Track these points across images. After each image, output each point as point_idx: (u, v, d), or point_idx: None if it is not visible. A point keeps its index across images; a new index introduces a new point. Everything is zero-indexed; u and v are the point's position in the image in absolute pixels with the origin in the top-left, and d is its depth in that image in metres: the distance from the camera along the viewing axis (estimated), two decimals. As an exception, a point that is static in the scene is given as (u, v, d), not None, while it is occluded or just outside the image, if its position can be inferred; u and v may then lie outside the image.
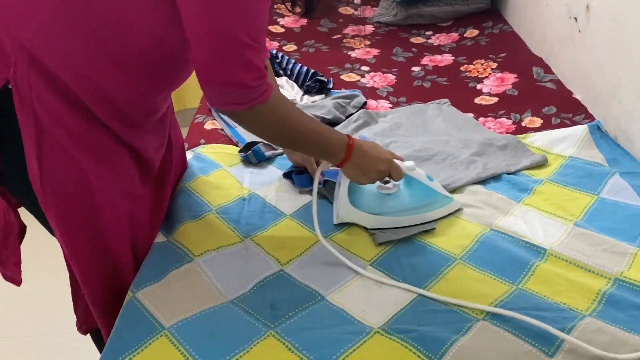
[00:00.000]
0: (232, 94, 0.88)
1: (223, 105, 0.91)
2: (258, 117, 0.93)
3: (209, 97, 0.91)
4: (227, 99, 0.89)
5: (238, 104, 0.89)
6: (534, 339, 0.84)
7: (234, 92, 0.87)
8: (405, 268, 1.01)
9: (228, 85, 0.86)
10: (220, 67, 0.85)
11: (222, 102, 0.90)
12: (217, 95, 0.89)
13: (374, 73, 1.81)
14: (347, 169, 1.05)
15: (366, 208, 1.10)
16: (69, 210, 0.94)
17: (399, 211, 1.10)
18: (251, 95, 0.88)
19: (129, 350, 0.85)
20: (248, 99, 0.88)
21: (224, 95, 0.88)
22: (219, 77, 0.86)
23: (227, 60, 0.84)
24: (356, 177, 1.07)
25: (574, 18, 1.59)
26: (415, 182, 1.11)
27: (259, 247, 1.07)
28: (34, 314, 1.87)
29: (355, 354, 0.84)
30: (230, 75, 0.86)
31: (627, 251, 1.01)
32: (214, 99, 0.91)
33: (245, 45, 0.84)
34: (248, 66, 0.85)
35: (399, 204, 1.11)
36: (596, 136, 1.35)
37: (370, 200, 1.11)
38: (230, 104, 0.90)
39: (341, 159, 1.03)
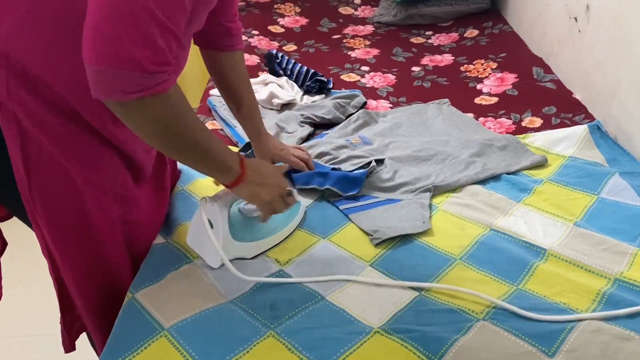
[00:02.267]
0: (122, 77, 0.72)
1: (109, 91, 0.74)
2: (149, 111, 0.77)
3: (93, 79, 0.74)
4: (115, 83, 0.73)
5: (126, 91, 0.74)
6: (534, 339, 0.84)
7: (124, 74, 0.72)
8: (405, 268, 1.01)
9: (120, 63, 0.71)
10: (115, 38, 0.70)
11: (108, 87, 0.73)
12: (103, 77, 0.73)
13: (374, 73, 1.81)
14: (243, 187, 0.94)
15: (244, 239, 1.03)
16: (59, 217, 0.92)
17: (272, 229, 1.06)
18: (145, 82, 0.74)
19: (129, 351, 0.85)
20: (140, 86, 0.74)
21: (111, 77, 0.72)
22: (111, 50, 0.70)
23: (125, 31, 0.70)
24: (256, 195, 0.96)
25: (574, 18, 1.59)
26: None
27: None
28: (33, 314, 1.87)
29: (355, 354, 0.84)
30: (125, 51, 0.70)
31: (627, 251, 1.01)
32: (99, 82, 0.73)
33: (153, 17, 0.71)
34: (149, 44, 0.72)
35: (270, 223, 1.05)
36: (596, 136, 1.35)
37: (244, 230, 1.03)
38: (118, 92, 0.74)
39: (237, 173, 0.92)
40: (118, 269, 1.01)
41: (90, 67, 0.73)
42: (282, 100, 1.56)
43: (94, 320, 1.03)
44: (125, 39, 0.70)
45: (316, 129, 1.48)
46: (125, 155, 0.96)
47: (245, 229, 1.04)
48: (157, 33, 0.72)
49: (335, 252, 1.06)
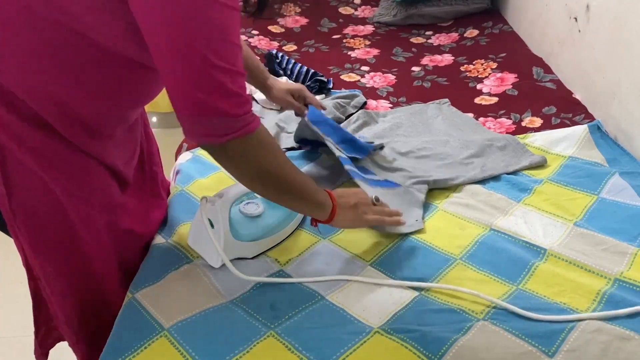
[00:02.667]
0: (211, 124, 0.79)
1: (202, 136, 0.82)
2: (243, 151, 0.84)
3: (185, 128, 0.82)
4: (205, 129, 0.80)
5: (220, 135, 0.80)
6: (534, 339, 0.84)
7: (213, 122, 0.79)
8: (405, 268, 1.01)
9: (204, 114, 0.78)
10: (193, 92, 0.77)
11: (200, 133, 0.81)
12: (193, 125, 0.80)
13: (374, 73, 1.81)
14: (341, 216, 0.99)
15: (245, 238, 1.03)
16: (42, 231, 0.91)
17: (273, 228, 1.07)
18: (236, 124, 0.80)
19: (129, 351, 0.85)
20: (231, 129, 0.80)
21: (201, 125, 0.80)
22: (192, 104, 0.78)
23: (198, 84, 0.76)
24: (355, 217, 1.02)
25: (574, 18, 1.59)
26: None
27: (259, 248, 1.07)
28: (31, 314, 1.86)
29: (355, 354, 0.84)
30: (205, 101, 0.77)
31: (627, 251, 1.01)
32: (191, 130, 0.81)
33: (214, 66, 0.75)
34: (223, 91, 0.78)
35: (271, 221, 1.07)
36: (596, 136, 1.35)
37: (245, 229, 1.04)
38: (210, 135, 0.81)
39: (330, 207, 0.97)
40: (103, 279, 1.00)
41: (182, 120, 0.80)
42: (282, 100, 1.56)
43: (76, 332, 1.02)
44: (202, 91, 0.76)
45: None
46: (107, 165, 0.95)
47: (246, 229, 1.04)
48: (225, 78, 0.77)
49: (335, 252, 1.06)
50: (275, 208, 1.08)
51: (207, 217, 0.98)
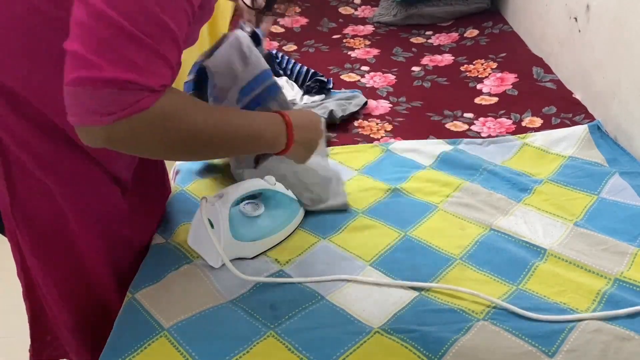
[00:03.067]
0: (98, 99, 0.65)
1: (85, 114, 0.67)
2: (134, 130, 0.69)
3: (67, 103, 0.67)
4: (91, 105, 0.66)
5: (104, 113, 0.66)
6: (534, 339, 0.84)
7: (100, 95, 0.65)
8: (405, 268, 1.01)
9: (94, 82, 0.64)
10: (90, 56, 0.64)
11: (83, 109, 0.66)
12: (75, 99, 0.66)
13: (374, 73, 1.81)
14: (294, 151, 0.88)
15: (244, 238, 1.02)
16: (42, 236, 0.91)
17: (274, 228, 1.06)
18: (124, 99, 0.66)
19: (129, 351, 0.85)
20: (120, 105, 0.65)
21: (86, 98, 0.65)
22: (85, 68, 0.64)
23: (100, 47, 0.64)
24: (305, 156, 0.93)
25: (574, 18, 1.59)
26: (278, 195, 1.09)
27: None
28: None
29: (355, 354, 0.84)
30: (100, 68, 0.63)
31: (627, 251, 1.01)
32: (74, 104, 0.67)
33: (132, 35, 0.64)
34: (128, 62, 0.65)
35: (271, 222, 1.06)
36: (596, 136, 1.35)
37: (245, 229, 1.03)
38: (94, 113, 0.66)
39: (283, 144, 0.86)
40: (101, 286, 1.00)
41: (66, 89, 0.66)
42: (282, 100, 1.56)
43: (76, 337, 1.02)
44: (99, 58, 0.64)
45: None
46: (110, 171, 0.95)
47: (246, 229, 1.04)
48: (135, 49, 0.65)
49: (335, 252, 1.06)
50: (276, 208, 1.08)
51: (207, 218, 0.98)
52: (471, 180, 1.24)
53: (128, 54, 0.65)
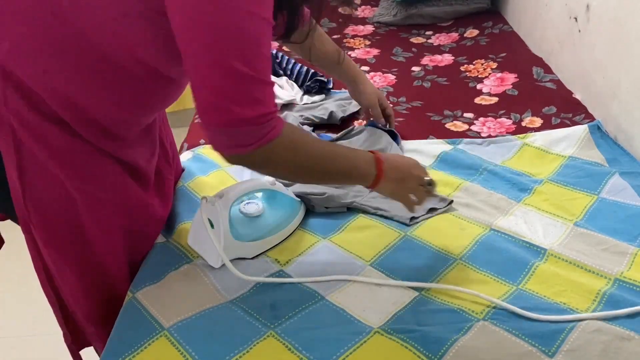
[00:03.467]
0: (238, 135, 0.80)
1: (229, 148, 0.82)
2: (270, 156, 0.85)
3: (212, 139, 0.83)
4: (233, 141, 0.81)
5: (245, 145, 0.81)
6: (534, 339, 0.84)
7: (240, 132, 0.79)
8: (405, 268, 1.01)
9: (232, 124, 0.78)
10: (222, 104, 0.77)
11: (227, 144, 0.82)
12: (221, 136, 0.81)
13: (374, 73, 1.81)
14: (384, 185, 0.97)
15: (245, 238, 1.03)
16: (55, 228, 0.92)
17: (273, 228, 1.07)
18: (259, 132, 0.80)
19: (129, 351, 0.85)
20: (256, 137, 0.80)
21: (229, 135, 0.80)
22: (222, 115, 0.78)
23: (228, 95, 0.77)
24: (398, 191, 0.99)
25: (574, 18, 1.59)
26: (278, 195, 1.10)
27: (259, 248, 1.07)
28: (32, 314, 1.87)
29: (355, 354, 0.84)
30: (234, 112, 0.78)
31: (627, 251, 1.01)
32: (219, 140, 0.82)
33: (244, 75, 0.76)
34: (252, 100, 0.78)
35: (271, 222, 1.07)
36: (596, 136, 1.35)
37: (245, 229, 1.04)
38: (237, 146, 0.81)
39: (373, 175, 0.95)
40: (115, 279, 1.00)
41: (209, 131, 0.81)
42: (282, 100, 1.56)
43: (94, 330, 1.02)
44: (232, 102, 0.77)
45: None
46: (127, 163, 0.96)
47: (246, 229, 1.04)
48: (255, 88, 0.78)
49: (335, 252, 1.06)
50: (276, 208, 1.08)
51: (207, 217, 0.98)
52: (471, 180, 1.24)
53: (252, 93, 0.78)
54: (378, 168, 0.95)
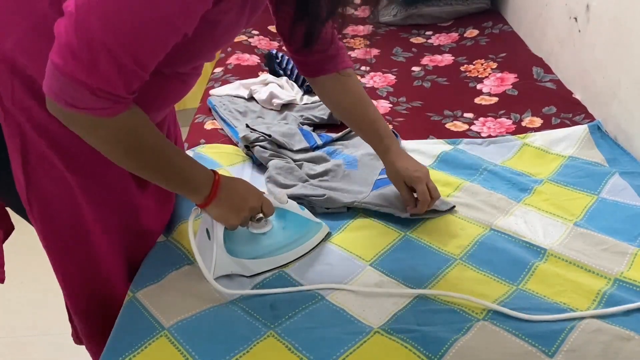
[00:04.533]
0: (71, 89, 0.72)
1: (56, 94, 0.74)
2: (91, 128, 0.78)
3: (50, 79, 0.73)
4: (64, 91, 0.73)
5: (70, 103, 0.73)
6: (534, 339, 0.84)
7: (74, 88, 0.72)
8: (405, 268, 1.01)
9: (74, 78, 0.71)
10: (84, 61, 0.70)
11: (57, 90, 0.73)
12: (57, 80, 0.72)
13: (374, 73, 1.81)
14: (213, 208, 0.92)
15: (244, 254, 0.99)
16: (55, 223, 0.92)
17: (278, 249, 1.02)
18: (89, 100, 0.73)
19: (129, 350, 0.85)
20: (83, 103, 0.73)
21: (63, 84, 0.72)
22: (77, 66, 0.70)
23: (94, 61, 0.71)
24: (225, 217, 0.93)
25: (574, 18, 1.59)
26: (289, 214, 1.04)
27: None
28: (32, 314, 1.87)
29: (355, 354, 0.84)
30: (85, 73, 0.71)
31: (627, 251, 1.01)
32: (52, 83, 0.73)
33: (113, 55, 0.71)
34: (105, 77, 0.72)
35: (276, 241, 1.02)
36: (596, 136, 1.35)
37: (246, 245, 1.00)
38: (63, 98, 0.73)
39: (205, 196, 0.90)
40: (112, 279, 1.00)
41: (56, 69, 0.72)
42: (282, 100, 1.56)
43: (86, 329, 1.02)
44: (89, 66, 0.70)
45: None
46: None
47: (246, 246, 1.00)
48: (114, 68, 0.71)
49: (335, 252, 1.06)
50: (285, 228, 1.03)
51: (206, 227, 0.96)
52: (471, 180, 1.24)
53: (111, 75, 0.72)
54: (213, 188, 0.90)
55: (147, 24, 0.71)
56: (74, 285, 0.98)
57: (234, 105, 1.54)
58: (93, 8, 0.69)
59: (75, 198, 0.91)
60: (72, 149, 0.88)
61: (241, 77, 1.75)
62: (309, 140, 1.37)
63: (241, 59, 1.90)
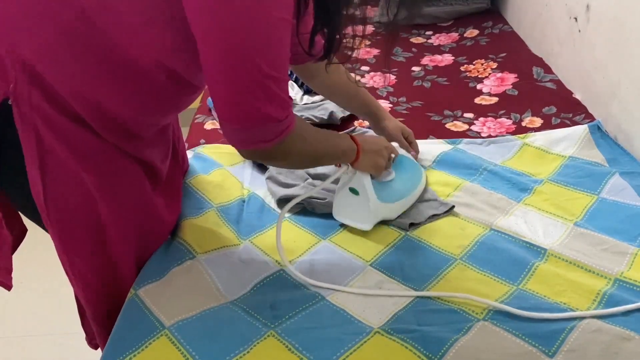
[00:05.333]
0: (259, 131, 0.83)
1: (249, 143, 0.85)
2: (288, 149, 0.88)
3: (230, 136, 0.85)
4: (253, 137, 0.84)
5: (266, 140, 0.84)
6: (534, 339, 0.84)
7: (261, 128, 0.83)
8: (405, 268, 1.01)
9: (254, 121, 0.82)
10: (248, 102, 0.80)
11: (247, 140, 0.85)
12: (240, 133, 0.84)
13: (374, 73, 1.81)
14: (363, 159, 1.05)
15: (388, 199, 1.11)
16: (72, 226, 0.92)
17: (407, 189, 1.15)
18: (280, 128, 0.84)
19: (129, 350, 0.85)
20: (276, 132, 0.84)
21: (250, 132, 0.83)
22: (243, 113, 0.81)
23: (250, 92, 0.79)
24: (373, 162, 1.07)
25: (574, 18, 1.59)
26: (405, 160, 1.19)
27: (259, 249, 1.07)
28: (33, 314, 1.87)
29: (355, 354, 0.84)
30: (256, 111, 0.81)
31: (627, 251, 1.01)
32: (238, 138, 0.85)
33: (267, 75, 0.79)
34: (273, 98, 0.81)
35: (403, 185, 1.15)
36: (596, 136, 1.35)
37: (385, 193, 1.11)
38: (258, 142, 0.84)
39: (355, 150, 1.03)
40: (125, 280, 1.00)
41: (227, 128, 0.84)
42: (282, 100, 1.55)
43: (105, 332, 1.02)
44: (254, 101, 0.80)
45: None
46: (144, 162, 0.97)
47: (385, 192, 1.10)
48: (274, 86, 0.80)
49: (335, 252, 1.06)
50: (404, 172, 1.17)
51: (349, 187, 1.07)
52: (471, 180, 1.24)
53: (275, 92, 0.81)
54: (356, 145, 1.03)
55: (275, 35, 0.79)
56: (93, 290, 0.98)
57: (234, 105, 1.54)
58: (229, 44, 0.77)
59: (92, 200, 0.91)
60: (88, 152, 0.88)
61: (241, 77, 1.74)
62: None
63: (241, 59, 1.90)
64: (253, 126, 0.82)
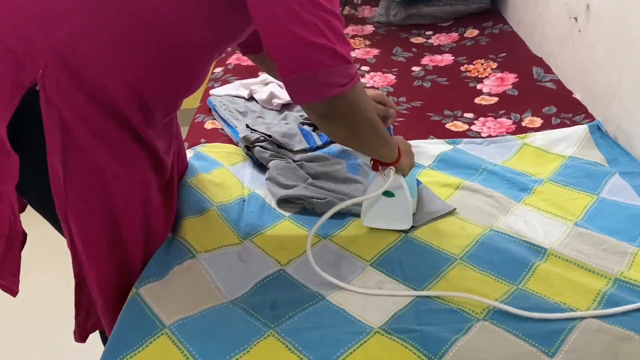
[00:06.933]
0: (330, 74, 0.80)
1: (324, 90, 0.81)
2: (356, 99, 0.85)
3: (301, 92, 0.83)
4: (328, 80, 0.80)
5: (340, 85, 0.81)
6: (534, 339, 0.84)
7: (332, 69, 0.80)
8: (405, 268, 1.01)
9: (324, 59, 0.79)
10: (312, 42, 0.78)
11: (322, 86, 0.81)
12: (311, 81, 0.80)
13: (374, 73, 1.81)
14: (404, 159, 1.06)
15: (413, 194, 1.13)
16: (90, 214, 0.92)
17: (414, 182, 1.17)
18: (351, 70, 0.81)
19: (130, 349, 0.85)
20: (350, 75, 0.81)
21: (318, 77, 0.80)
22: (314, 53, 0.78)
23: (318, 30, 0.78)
24: (410, 162, 1.11)
25: (574, 18, 1.60)
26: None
27: (259, 249, 1.07)
28: (33, 314, 1.87)
29: (355, 354, 0.84)
30: (335, 49, 0.79)
31: (627, 251, 1.01)
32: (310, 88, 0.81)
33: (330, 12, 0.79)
34: (337, 34, 0.79)
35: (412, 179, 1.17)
36: (596, 136, 1.35)
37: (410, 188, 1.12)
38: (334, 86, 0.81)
39: (395, 156, 1.04)
40: (134, 272, 1.00)
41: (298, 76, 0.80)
42: (282, 100, 1.56)
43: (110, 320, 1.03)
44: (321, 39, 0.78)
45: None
46: (155, 154, 0.97)
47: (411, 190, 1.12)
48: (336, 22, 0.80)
49: (335, 251, 1.06)
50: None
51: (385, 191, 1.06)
52: (471, 180, 1.24)
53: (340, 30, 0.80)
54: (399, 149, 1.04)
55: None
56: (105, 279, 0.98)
57: (234, 105, 1.54)
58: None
59: (108, 186, 0.92)
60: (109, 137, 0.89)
61: (241, 77, 1.75)
62: (308, 141, 1.37)
63: (241, 59, 1.90)
64: (323, 65, 0.79)
